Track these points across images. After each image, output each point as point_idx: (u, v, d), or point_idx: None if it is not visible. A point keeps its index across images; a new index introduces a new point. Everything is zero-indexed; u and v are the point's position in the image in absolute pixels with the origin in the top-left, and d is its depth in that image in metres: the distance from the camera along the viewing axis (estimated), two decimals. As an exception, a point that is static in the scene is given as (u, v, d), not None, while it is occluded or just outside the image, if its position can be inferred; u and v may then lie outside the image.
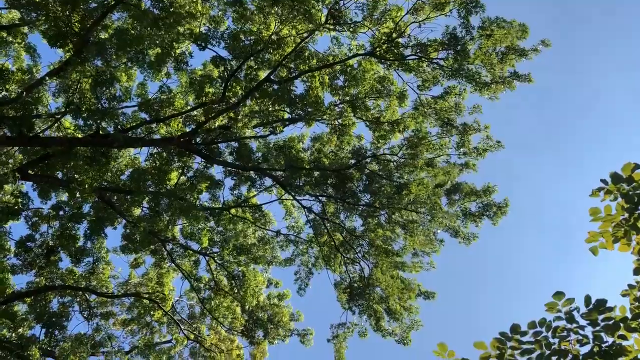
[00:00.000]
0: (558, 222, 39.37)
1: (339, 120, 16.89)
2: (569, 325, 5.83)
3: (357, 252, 19.13)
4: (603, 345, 5.87)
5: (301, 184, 17.35)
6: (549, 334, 5.89)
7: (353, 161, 17.60)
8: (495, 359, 6.86)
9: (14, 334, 16.28)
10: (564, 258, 39.49)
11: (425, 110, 17.42)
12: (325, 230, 19.15)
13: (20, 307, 17.51)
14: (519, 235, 38.97)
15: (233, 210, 18.45)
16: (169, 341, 18.34)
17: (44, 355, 15.73)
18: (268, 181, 18.43)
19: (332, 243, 19.06)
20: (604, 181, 6.35)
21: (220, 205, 18.14)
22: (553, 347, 5.98)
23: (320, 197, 18.18)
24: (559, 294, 5.85)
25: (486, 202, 18.14)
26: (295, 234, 19.51)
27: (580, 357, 5.84)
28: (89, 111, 14.77)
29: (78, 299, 17.69)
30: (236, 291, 18.31)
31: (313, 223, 19.11)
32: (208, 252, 18.50)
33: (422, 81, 17.14)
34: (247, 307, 17.96)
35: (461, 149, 17.48)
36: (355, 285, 18.86)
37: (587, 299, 5.85)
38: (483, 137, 17.39)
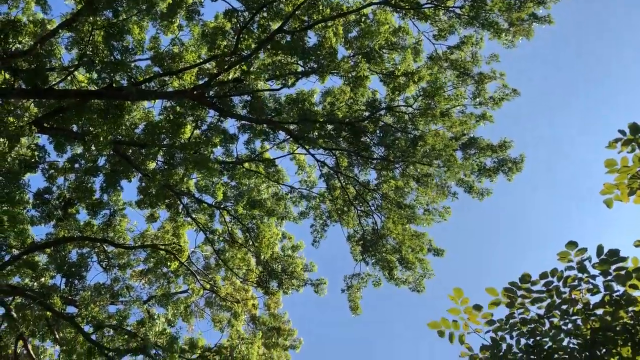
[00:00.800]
0: (572, 177, 39.11)
1: (353, 73, 16.68)
2: (580, 275, 5.85)
3: (371, 205, 19.22)
4: (614, 295, 5.91)
5: (315, 137, 17.31)
6: (560, 283, 5.93)
7: (367, 113, 17.47)
8: (505, 306, 6.94)
9: (36, 283, 16.76)
10: (577, 213, 39.37)
11: (441, 62, 17.13)
12: (339, 184, 19.22)
13: (41, 258, 17.95)
14: (532, 190, 38.81)
15: (247, 165, 18.53)
16: (186, 291, 18.77)
17: (65, 304, 16.20)
18: (281, 135, 18.42)
19: (346, 196, 19.15)
20: (622, 132, 6.23)
21: (234, 160, 18.22)
22: (563, 296, 6.04)
23: (333, 151, 18.16)
24: (571, 244, 5.84)
25: (502, 158, 18.01)
26: (308, 189, 19.62)
27: (590, 306, 5.89)
28: (102, 63, 14.71)
29: (96, 250, 18.07)
30: (250, 243, 18.56)
31: (326, 177, 19.17)
32: (222, 206, 18.68)
33: (438, 30, 16.79)
34: (261, 258, 18.23)
35: (477, 99, 17.25)
36: (369, 237, 19.03)
37: (600, 249, 5.84)
38: (499, 85, 17.14)
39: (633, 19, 34.01)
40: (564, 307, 6.12)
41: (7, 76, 15.34)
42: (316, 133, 17.41)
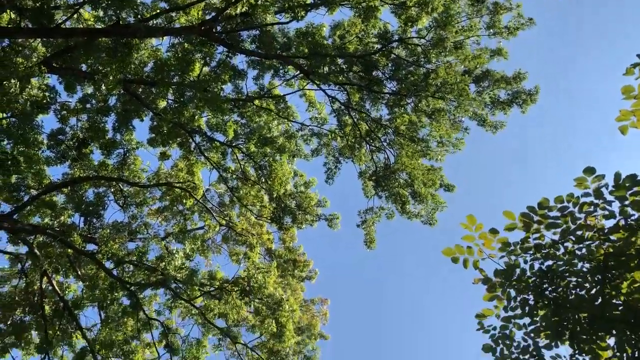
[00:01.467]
0: (588, 108, 38.59)
1: (363, 4, 16.26)
2: (596, 201, 5.90)
3: (382, 141, 19.20)
4: (629, 220, 5.97)
5: (325, 72, 17.10)
6: (576, 209, 6.00)
7: (378, 46, 17.16)
8: (522, 229, 7.04)
9: (55, 222, 17.14)
10: (594, 145, 39.09)
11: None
12: (350, 120, 19.14)
13: (59, 198, 18.27)
14: (545, 122, 38.44)
15: (257, 102, 18.44)
16: (202, 227, 19.13)
17: (85, 241, 16.62)
18: (291, 72, 18.21)
19: (357, 132, 19.11)
20: (640, 56, 6.11)
21: (244, 97, 18.12)
22: (579, 222, 6.11)
23: (344, 86, 17.98)
24: (589, 170, 5.85)
25: (516, 90, 17.77)
26: (319, 125, 19.57)
27: (605, 231, 5.97)
28: (108, 0, 14.43)
29: (112, 189, 18.34)
30: (263, 180, 18.73)
31: (337, 113, 19.07)
32: (234, 144, 18.74)
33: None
34: (274, 195, 18.43)
35: (491, 30, 16.86)
36: (381, 173, 19.14)
37: (617, 176, 5.86)
38: (514, 15, 16.70)
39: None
40: (579, 232, 6.21)
41: (13, 15, 15.15)
42: (326, 68, 17.19)
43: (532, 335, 7.65)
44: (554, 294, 7.47)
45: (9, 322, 17.67)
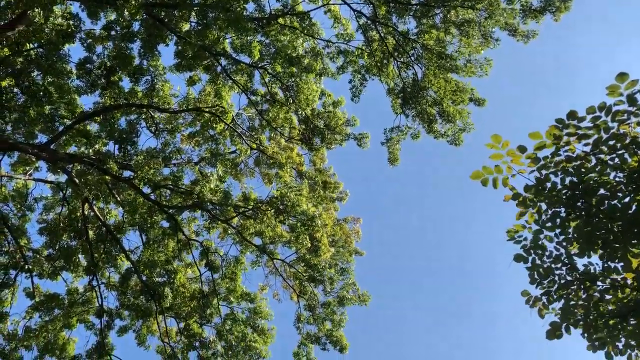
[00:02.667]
0: (625, 12, 36.59)
1: None
2: (629, 109, 5.75)
3: (410, 55, 18.74)
4: (664, 127, 5.83)
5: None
6: (608, 118, 5.86)
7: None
8: (552, 147, 6.95)
9: (91, 151, 17.58)
10: (628, 55, 37.36)
11: None
12: (377, 35, 18.64)
13: (92, 127, 18.62)
14: (579, 32, 36.71)
15: (280, 20, 18.04)
16: (234, 152, 19.37)
17: (121, 168, 17.08)
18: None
19: (384, 48, 18.65)
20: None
21: (267, 15, 17.73)
22: (611, 131, 5.99)
23: (370, -1, 17.37)
24: (622, 76, 5.66)
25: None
26: (345, 42, 19.13)
27: (639, 139, 5.85)
28: None
29: (143, 117, 18.56)
30: (291, 102, 18.65)
31: (364, 29, 18.56)
32: (260, 65, 18.56)
33: None
34: (302, 115, 18.40)
35: None
36: (409, 90, 18.83)
37: (652, 81, 5.67)
38: None
39: None
40: (611, 142, 6.10)
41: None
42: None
43: (564, 244, 7.72)
44: (586, 205, 7.46)
45: (57, 247, 18.61)
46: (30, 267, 18.80)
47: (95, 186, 16.54)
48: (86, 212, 18.35)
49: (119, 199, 18.42)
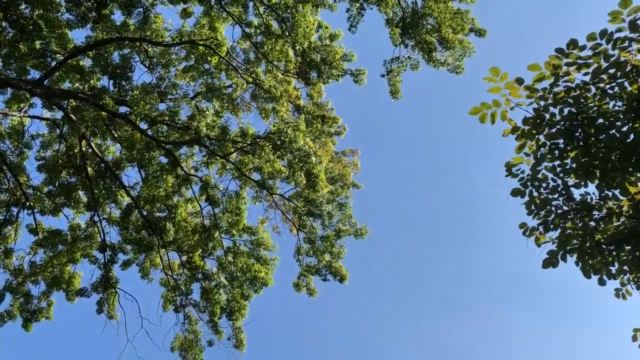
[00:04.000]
0: None
1: None
2: (631, 35, 5.63)
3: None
4: (666, 54, 5.73)
5: None
6: (609, 45, 5.74)
7: None
8: (551, 78, 6.86)
9: (86, 86, 17.35)
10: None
11: None
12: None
13: (85, 62, 18.28)
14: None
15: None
16: (229, 86, 19.12)
17: (117, 104, 16.90)
18: None
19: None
20: None
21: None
22: (612, 59, 5.89)
23: None
24: (626, 1, 5.50)
25: None
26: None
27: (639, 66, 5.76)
28: None
29: (137, 50, 18.19)
30: (287, 34, 18.23)
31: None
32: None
33: None
34: (298, 48, 18.03)
35: None
36: (408, 19, 18.35)
37: (656, 6, 5.52)
38: None
39: None
40: (612, 70, 6.01)
41: None
42: None
43: (561, 175, 7.78)
44: (584, 136, 7.45)
45: (56, 184, 18.71)
46: (32, 204, 18.97)
47: (92, 122, 16.43)
48: (84, 149, 18.32)
49: (116, 135, 18.35)
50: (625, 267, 7.45)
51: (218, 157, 17.62)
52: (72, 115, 16.50)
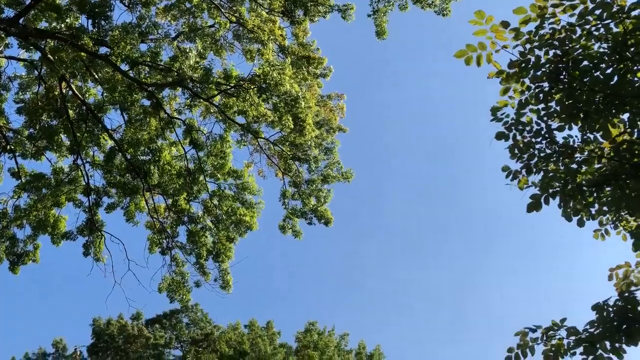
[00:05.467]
0: None
1: None
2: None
3: None
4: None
5: None
6: (599, -15, 5.67)
7: None
8: (537, 20, 6.79)
9: (63, 26, 16.79)
10: None
11: None
12: None
13: (61, 0, 17.64)
14: None
15: None
16: (212, 26, 18.60)
17: (96, 44, 16.44)
18: None
19: None
20: None
21: None
22: (598, 0, 5.82)
23: None
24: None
25: None
26: None
27: (626, 8, 5.70)
28: None
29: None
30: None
31: None
32: None
33: None
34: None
35: None
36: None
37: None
38: None
39: None
40: (598, 12, 5.95)
41: None
42: None
43: (545, 119, 7.82)
44: (569, 78, 7.44)
45: (37, 127, 18.41)
46: (13, 147, 18.72)
47: (71, 63, 16.02)
48: (64, 91, 17.94)
49: (96, 77, 17.95)
50: (605, 208, 7.60)
51: (202, 100, 17.38)
52: (50, 56, 16.06)
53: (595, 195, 7.63)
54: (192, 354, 17.42)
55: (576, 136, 7.61)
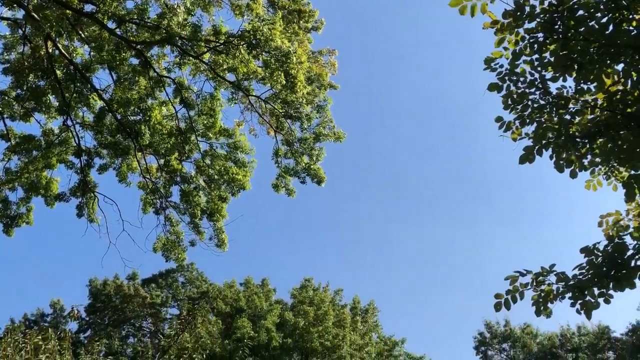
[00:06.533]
0: None
1: None
2: None
3: None
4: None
5: None
6: None
7: None
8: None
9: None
10: None
11: None
12: None
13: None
14: None
15: None
16: (199, -19, 18.16)
17: (81, 2, 16.06)
18: None
19: None
20: None
21: None
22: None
23: None
24: None
25: None
26: None
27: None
28: None
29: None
30: None
31: None
32: None
33: None
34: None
35: None
36: None
37: None
38: None
39: None
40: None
41: None
42: None
43: (539, 69, 7.79)
44: (564, 28, 7.38)
45: (25, 88, 18.11)
46: (0, 109, 18.45)
47: (56, 22, 15.66)
48: (50, 51, 17.58)
49: (83, 35, 17.59)
50: (597, 159, 7.66)
51: (191, 58, 17.10)
52: (34, 14, 15.67)
53: (588, 146, 7.68)
54: (188, 310, 17.66)
55: (570, 87, 7.61)
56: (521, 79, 7.74)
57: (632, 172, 7.36)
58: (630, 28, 6.72)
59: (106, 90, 18.44)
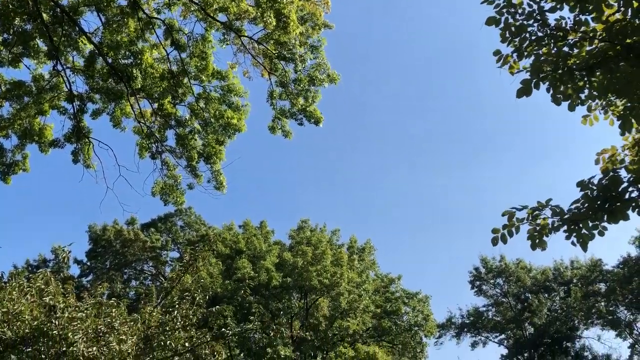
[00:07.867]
0: None
1: None
2: None
3: None
4: None
5: None
6: None
7: None
8: None
9: None
10: None
11: None
12: None
13: None
14: None
15: None
16: None
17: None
18: None
19: None
20: None
21: None
22: None
23: None
24: None
25: None
26: None
27: None
28: None
29: None
30: None
31: None
32: None
33: None
34: None
35: None
36: None
37: None
38: None
39: None
40: None
41: None
42: None
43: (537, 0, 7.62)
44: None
45: (11, 32, 17.67)
46: (-12, 54, 18.07)
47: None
48: (35, -8, 17.05)
49: (68, -24, 17.03)
50: (595, 93, 7.61)
51: (180, -3, 16.67)
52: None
53: (585, 79, 7.61)
54: (190, 254, 17.87)
55: (569, 18, 7.47)
56: (519, 10, 7.58)
57: (629, 104, 7.33)
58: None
59: (95, 33, 18.02)
